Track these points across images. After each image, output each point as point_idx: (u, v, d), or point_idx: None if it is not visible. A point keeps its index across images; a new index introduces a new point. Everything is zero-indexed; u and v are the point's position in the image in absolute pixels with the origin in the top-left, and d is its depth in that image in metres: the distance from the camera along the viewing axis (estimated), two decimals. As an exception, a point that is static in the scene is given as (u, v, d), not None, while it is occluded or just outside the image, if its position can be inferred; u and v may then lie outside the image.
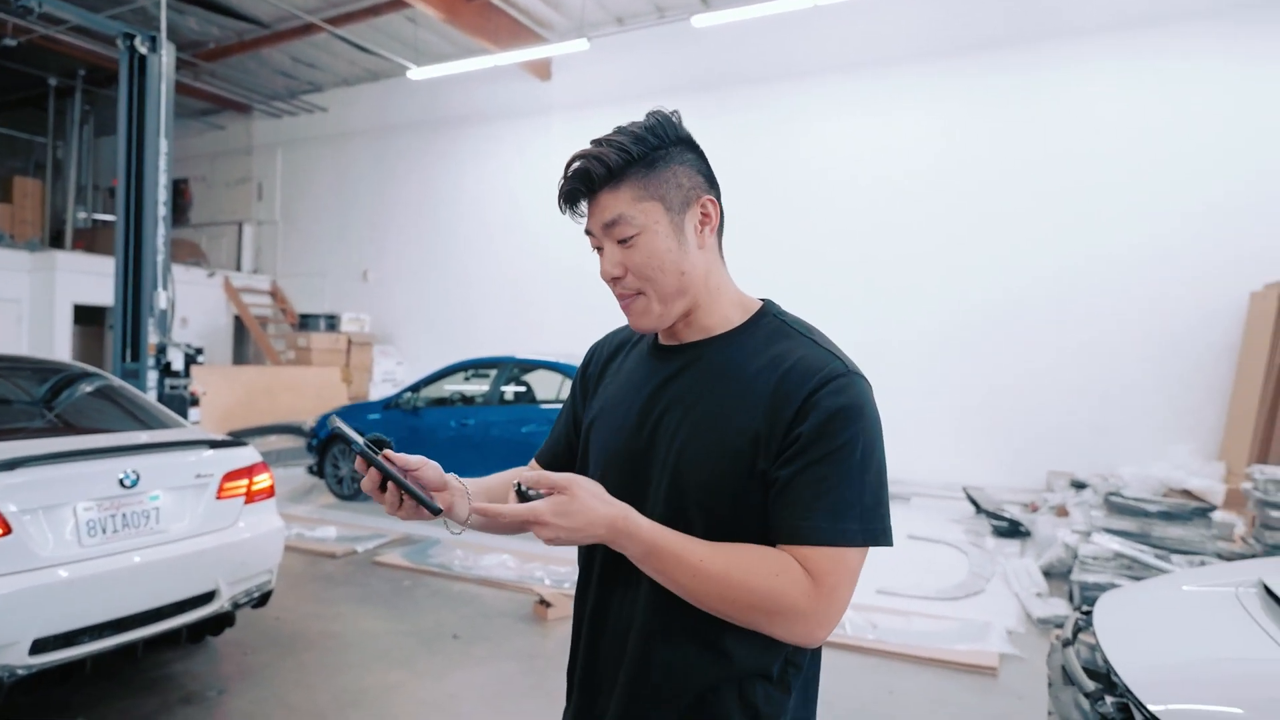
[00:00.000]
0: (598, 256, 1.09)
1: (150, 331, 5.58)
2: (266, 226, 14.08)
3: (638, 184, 1.03)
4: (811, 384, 0.98)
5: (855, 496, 0.96)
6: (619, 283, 1.06)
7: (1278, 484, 4.45)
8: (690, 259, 1.06)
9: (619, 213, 1.03)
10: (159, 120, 5.68)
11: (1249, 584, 2.19)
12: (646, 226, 1.03)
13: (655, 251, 1.04)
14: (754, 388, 1.02)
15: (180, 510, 3.15)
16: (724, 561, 0.95)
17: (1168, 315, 7.68)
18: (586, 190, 1.04)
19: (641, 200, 1.03)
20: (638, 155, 1.03)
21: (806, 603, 0.93)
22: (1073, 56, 8.16)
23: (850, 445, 0.96)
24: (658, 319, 1.07)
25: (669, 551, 0.94)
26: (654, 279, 1.04)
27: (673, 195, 1.05)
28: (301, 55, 11.90)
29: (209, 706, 3.24)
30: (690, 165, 1.08)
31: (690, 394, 1.07)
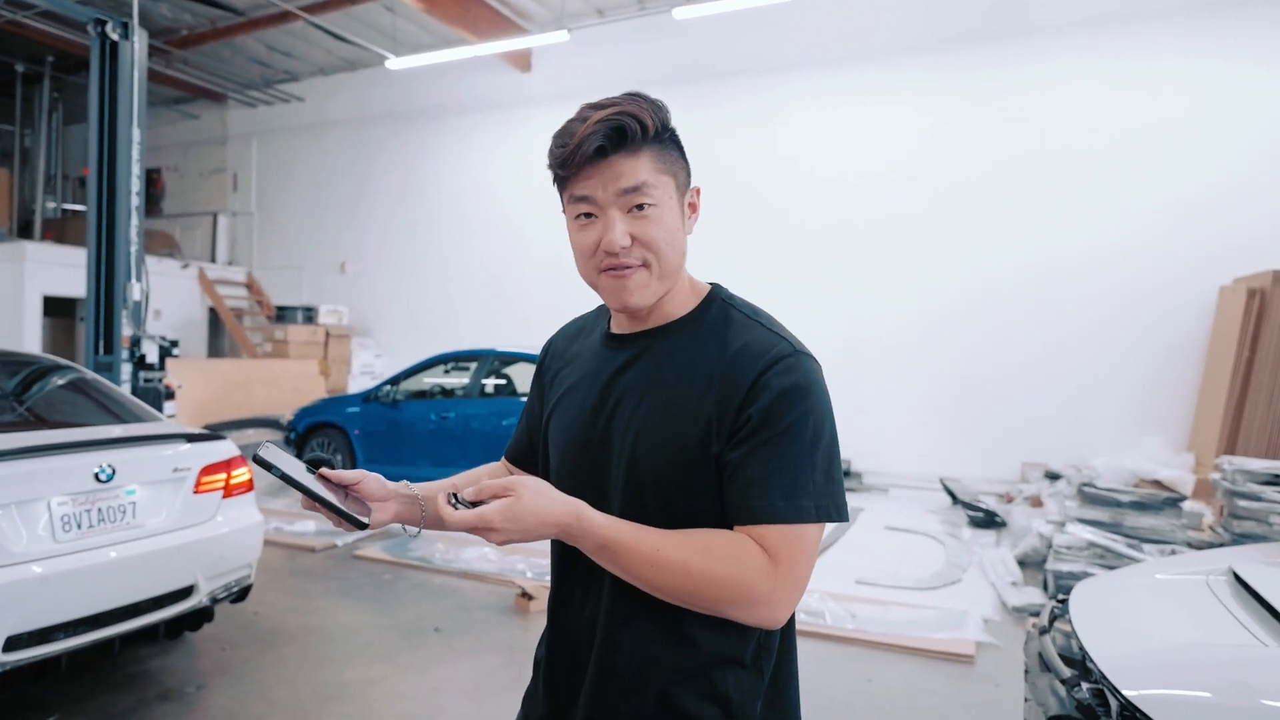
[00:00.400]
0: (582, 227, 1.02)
1: (124, 324, 5.49)
2: (242, 217, 13.88)
3: (657, 155, 1.01)
4: (759, 365, 0.98)
5: (807, 473, 0.96)
6: (625, 253, 1.00)
7: (1246, 474, 4.54)
8: (685, 243, 1.07)
9: (642, 180, 0.99)
10: (131, 109, 5.58)
11: (1219, 572, 2.24)
12: (663, 200, 1.01)
13: (670, 226, 1.02)
14: (704, 373, 1.01)
15: (157, 505, 3.11)
16: (681, 551, 0.94)
17: (1139, 309, 7.81)
18: (610, 149, 0.98)
19: (661, 172, 1.01)
20: (659, 129, 1.01)
21: (766, 584, 0.93)
22: (1045, 54, 8.25)
23: (800, 423, 0.96)
24: (652, 295, 1.04)
25: (623, 545, 0.93)
26: (663, 254, 1.01)
27: (678, 175, 1.05)
28: (277, 44, 11.73)
29: (188, 702, 3.21)
30: (681, 153, 1.07)
31: (643, 383, 1.06)
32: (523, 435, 1.30)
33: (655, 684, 1.02)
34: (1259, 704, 1.56)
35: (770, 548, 0.94)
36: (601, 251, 1.01)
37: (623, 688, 1.03)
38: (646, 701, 1.02)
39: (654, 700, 1.02)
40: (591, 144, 0.97)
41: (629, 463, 1.03)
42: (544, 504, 0.92)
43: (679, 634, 1.01)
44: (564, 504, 0.93)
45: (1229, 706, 1.57)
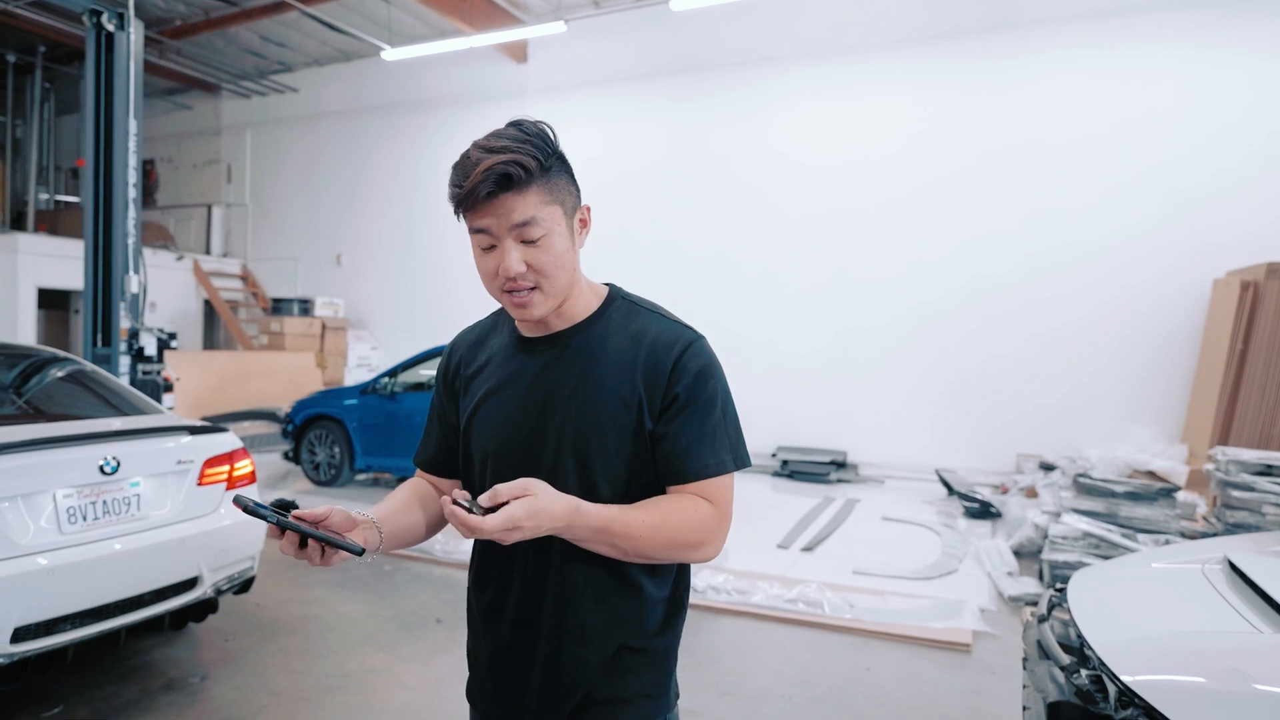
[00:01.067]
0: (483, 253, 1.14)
1: (122, 316, 5.48)
2: (236, 209, 13.83)
3: (543, 189, 1.11)
4: (675, 352, 1.16)
5: (724, 433, 1.18)
6: (520, 277, 1.12)
7: (1239, 464, 4.59)
8: (575, 260, 1.18)
9: (530, 215, 1.09)
10: (128, 100, 5.55)
11: (1215, 561, 2.28)
12: (551, 229, 1.12)
13: (559, 250, 1.13)
14: (624, 363, 1.17)
15: (161, 497, 3.12)
16: (657, 518, 1.11)
17: (1133, 301, 7.86)
18: (499, 190, 1.08)
19: (548, 204, 1.11)
20: (544, 162, 1.11)
21: (715, 527, 1.15)
22: (1038, 47, 8.27)
23: (713, 395, 1.17)
24: (548, 308, 1.17)
25: (616, 528, 1.08)
26: (553, 276, 1.13)
27: (567, 201, 1.15)
28: (271, 34, 11.66)
29: (192, 693, 3.23)
30: (569, 177, 1.17)
31: (569, 379, 1.19)
32: (440, 443, 1.36)
33: (617, 635, 1.19)
34: (1253, 689, 1.60)
35: (711, 497, 1.16)
36: (501, 275, 1.13)
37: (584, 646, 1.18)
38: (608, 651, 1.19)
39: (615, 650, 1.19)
40: (482, 190, 1.08)
41: (573, 453, 1.16)
42: (553, 499, 1.03)
43: (629, 584, 1.19)
44: (565, 499, 1.05)
45: (1224, 691, 1.61)
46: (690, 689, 3.32)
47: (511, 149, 1.09)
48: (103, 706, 3.06)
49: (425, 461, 1.38)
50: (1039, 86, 8.27)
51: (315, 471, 7.45)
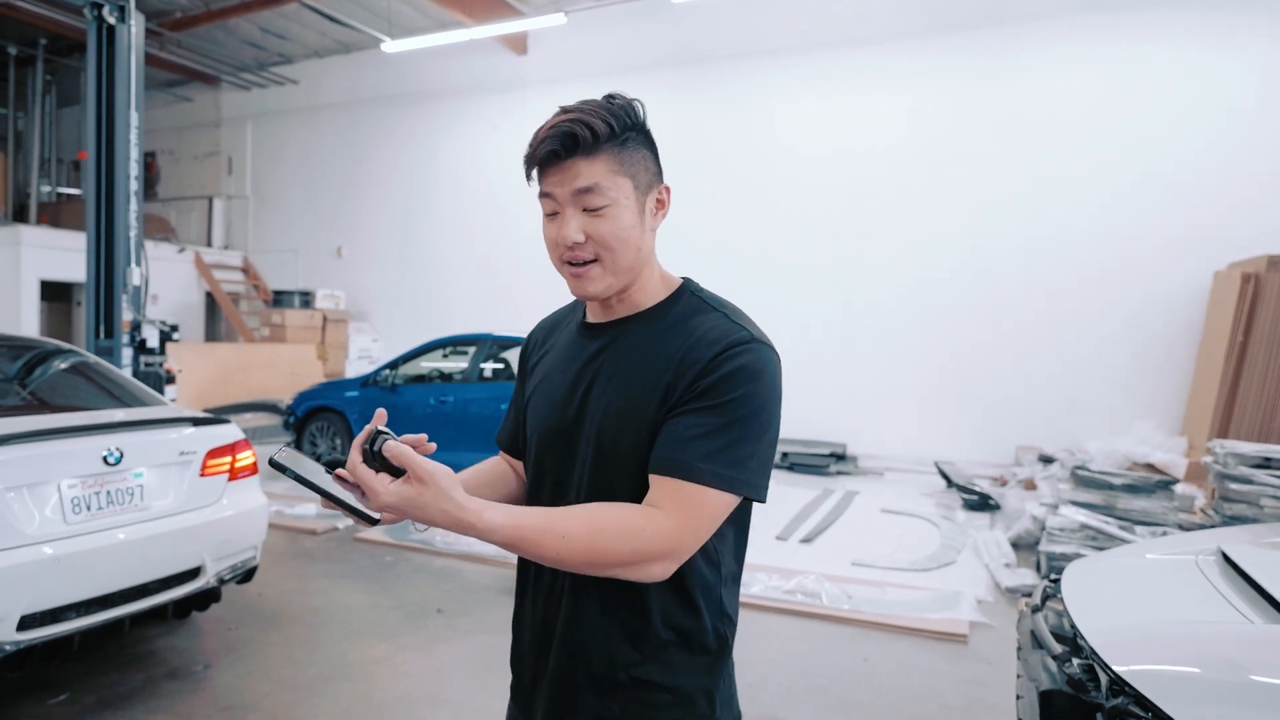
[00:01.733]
0: (548, 220, 1.09)
1: (124, 308, 5.50)
2: (237, 201, 13.83)
3: (613, 158, 1.06)
4: (718, 347, 1.04)
5: (731, 445, 1.00)
6: (577, 249, 1.08)
7: (1237, 457, 4.60)
8: (645, 241, 1.11)
9: (595, 181, 1.04)
10: (129, 92, 5.56)
11: (1209, 552, 2.30)
12: (617, 200, 1.06)
13: (622, 226, 1.07)
14: (666, 355, 1.07)
15: (164, 487, 3.15)
16: (586, 531, 0.97)
17: (1134, 294, 7.86)
18: (565, 153, 1.04)
19: (616, 174, 1.06)
20: (617, 130, 1.06)
21: (664, 544, 0.98)
22: (1039, 38, 8.25)
23: (740, 401, 1.02)
24: (604, 289, 1.10)
25: (529, 541, 0.97)
26: (615, 251, 1.07)
27: (641, 176, 1.09)
28: (270, 25, 11.64)
29: (195, 681, 3.26)
30: (650, 154, 1.12)
31: (612, 366, 1.12)
32: (510, 422, 1.36)
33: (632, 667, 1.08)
34: (1246, 679, 1.62)
35: (675, 502, 0.99)
36: (560, 244, 1.08)
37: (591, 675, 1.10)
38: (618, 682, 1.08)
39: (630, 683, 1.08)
40: (545, 148, 1.04)
41: (596, 442, 1.09)
42: (444, 504, 0.94)
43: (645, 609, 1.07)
44: (462, 509, 0.94)
45: (1215, 680, 1.63)
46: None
47: (586, 111, 1.05)
48: (108, 694, 3.09)
49: (501, 441, 1.37)
50: (1040, 78, 8.26)
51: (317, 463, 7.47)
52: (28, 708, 2.96)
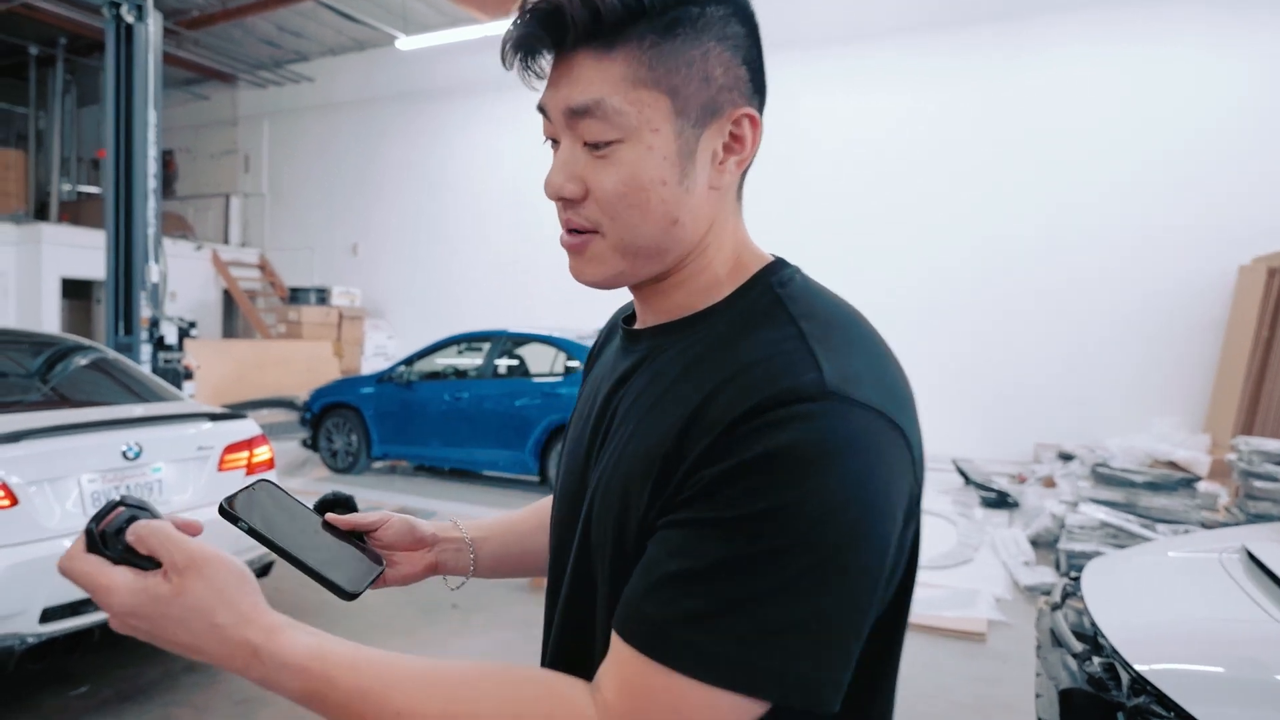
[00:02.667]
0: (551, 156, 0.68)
1: (143, 305, 5.56)
2: (254, 199, 13.94)
3: (641, 55, 0.61)
4: (747, 405, 0.56)
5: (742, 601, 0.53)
6: (571, 208, 0.66)
7: (1262, 454, 4.54)
8: (692, 203, 0.65)
9: (598, 96, 0.62)
10: (147, 91, 5.61)
11: (1233, 549, 2.26)
12: (637, 131, 0.62)
13: (639, 177, 0.63)
14: (683, 399, 0.62)
15: (183, 482, 3.18)
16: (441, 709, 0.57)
17: (1156, 289, 7.76)
18: (552, 40, 0.63)
19: (640, 85, 0.61)
20: (651, 5, 0.61)
21: None
22: (1061, 29, 8.15)
23: (771, 517, 0.53)
24: (606, 275, 0.69)
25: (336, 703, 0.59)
26: (623, 219, 0.64)
27: (693, 91, 0.63)
28: (287, 24, 11.71)
29: (212, 674, 3.28)
30: (731, 47, 0.65)
31: (629, 403, 0.70)
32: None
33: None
34: (1272, 679, 1.59)
35: (623, 689, 0.55)
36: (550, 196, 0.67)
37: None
38: None
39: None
40: (519, 31, 0.64)
41: (585, 515, 0.69)
42: (215, 613, 0.60)
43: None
44: (243, 621, 0.60)
45: (1239, 679, 1.60)
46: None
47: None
48: (126, 686, 3.13)
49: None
50: (1061, 69, 8.16)
51: (333, 459, 7.53)
52: (48, 699, 2.99)
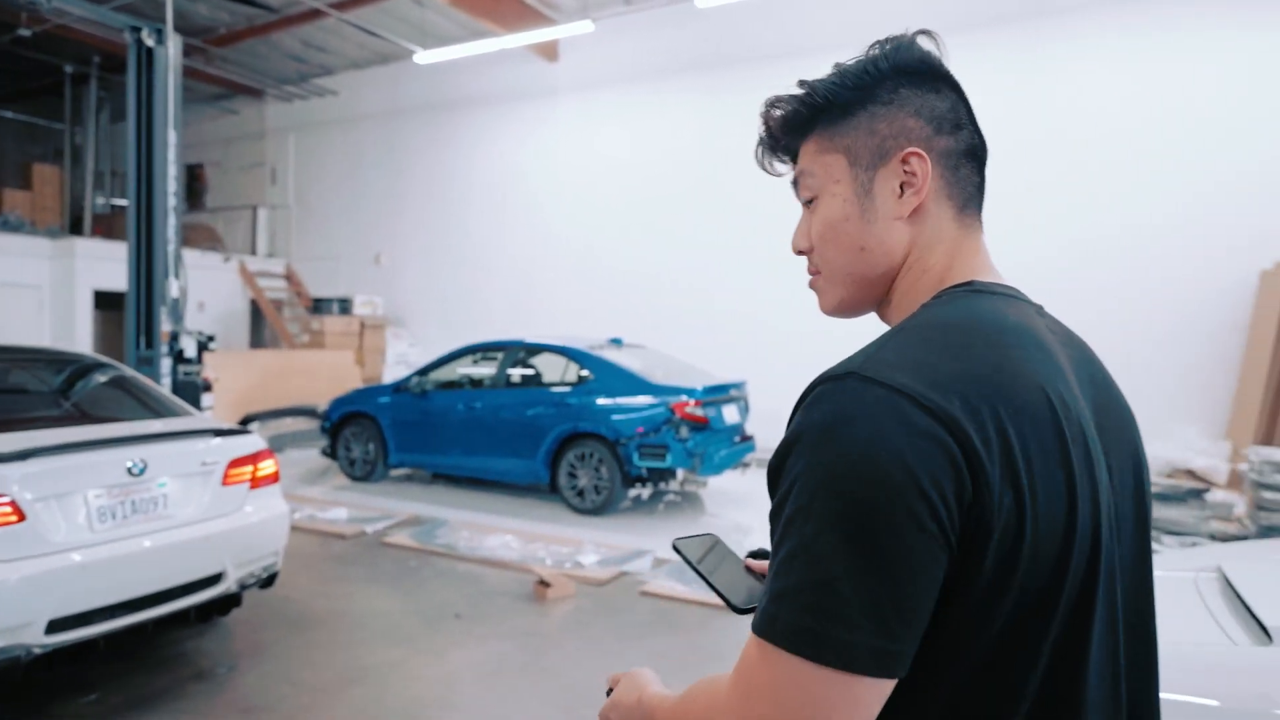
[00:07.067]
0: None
1: (163, 319, 5.73)
2: (280, 210, 14.24)
3: (824, 133, 0.83)
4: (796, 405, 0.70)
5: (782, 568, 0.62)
6: (809, 256, 0.88)
7: (1274, 466, 4.46)
8: (876, 231, 0.80)
9: (802, 168, 0.86)
10: (167, 111, 5.78)
11: (1209, 570, 2.25)
12: (824, 187, 0.83)
13: (830, 218, 0.82)
14: None
15: (187, 496, 3.29)
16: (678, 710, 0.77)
17: (1176, 293, 7.63)
18: (774, 143, 0.89)
19: (825, 153, 0.83)
20: (824, 98, 0.82)
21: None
22: (1076, 33, 8.05)
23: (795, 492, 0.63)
24: (832, 305, 0.87)
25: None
26: (826, 255, 0.84)
27: (861, 144, 0.80)
28: (311, 39, 11.96)
29: (219, 682, 3.39)
30: (900, 105, 0.80)
31: None
32: None
33: None
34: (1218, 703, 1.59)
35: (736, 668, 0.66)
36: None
37: None
38: None
39: None
40: (758, 144, 0.90)
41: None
42: (627, 690, 0.87)
43: None
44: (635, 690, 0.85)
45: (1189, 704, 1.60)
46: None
47: (787, 95, 0.88)
48: (135, 694, 3.24)
49: None
50: (1077, 74, 8.06)
51: (351, 467, 7.68)
52: (59, 706, 3.11)
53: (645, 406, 6.31)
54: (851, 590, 0.59)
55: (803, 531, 0.61)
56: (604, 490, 6.40)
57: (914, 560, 0.60)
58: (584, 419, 6.49)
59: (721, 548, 1.01)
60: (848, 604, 0.59)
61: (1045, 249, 8.15)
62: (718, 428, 6.47)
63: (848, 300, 0.85)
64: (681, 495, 7.23)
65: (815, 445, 0.63)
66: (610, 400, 6.46)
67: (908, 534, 0.60)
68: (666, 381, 6.52)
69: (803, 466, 0.63)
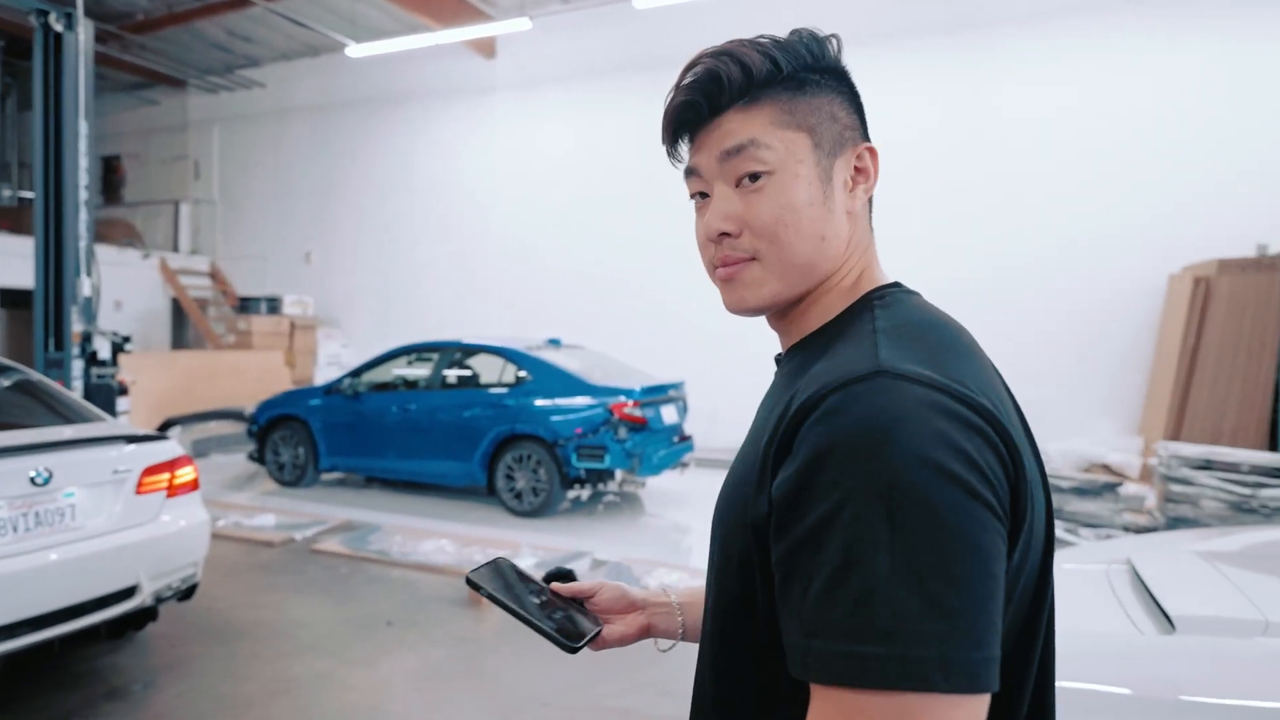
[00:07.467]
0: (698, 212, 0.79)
1: (74, 319, 5.44)
2: (204, 206, 13.70)
3: (782, 105, 0.74)
4: (805, 399, 0.62)
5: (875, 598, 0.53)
6: (728, 242, 0.75)
7: (1180, 459, 4.70)
8: (835, 223, 0.75)
9: (750, 136, 0.73)
10: (77, 100, 5.49)
11: (1120, 562, 2.35)
12: (785, 164, 0.73)
13: (793, 201, 0.72)
14: (777, 407, 0.68)
15: (97, 506, 3.12)
16: None
17: (1093, 297, 7.99)
18: (708, 105, 0.75)
19: (784, 127, 0.73)
20: (786, 68, 0.75)
21: None
22: (998, 48, 8.39)
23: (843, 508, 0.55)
24: (765, 299, 0.76)
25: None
26: (781, 241, 0.73)
27: (825, 130, 0.75)
28: (237, 28, 11.54)
29: (134, 701, 3.23)
30: (849, 99, 0.79)
31: (754, 421, 0.78)
32: None
33: None
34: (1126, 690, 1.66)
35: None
36: (709, 242, 0.77)
37: None
38: None
39: None
40: (679, 99, 0.78)
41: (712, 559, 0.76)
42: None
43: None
44: None
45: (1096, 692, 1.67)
46: (630, 688, 3.37)
47: (738, 45, 0.76)
48: (42, 715, 3.06)
49: None
50: (998, 87, 8.37)
51: (280, 472, 7.44)
52: (-43, 731, 2.93)
53: (584, 407, 6.28)
54: (965, 605, 0.53)
55: (877, 555, 0.53)
56: (542, 492, 6.35)
57: (997, 561, 0.56)
58: (522, 420, 6.43)
59: (519, 573, 0.93)
60: (973, 620, 0.53)
61: (968, 254, 8.43)
62: (656, 428, 6.49)
63: (781, 294, 0.75)
64: (620, 496, 7.22)
65: (866, 453, 0.55)
66: (548, 401, 6.41)
67: (988, 534, 0.56)
68: (605, 382, 6.51)
69: (857, 480, 0.55)
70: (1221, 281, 6.62)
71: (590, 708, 3.26)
